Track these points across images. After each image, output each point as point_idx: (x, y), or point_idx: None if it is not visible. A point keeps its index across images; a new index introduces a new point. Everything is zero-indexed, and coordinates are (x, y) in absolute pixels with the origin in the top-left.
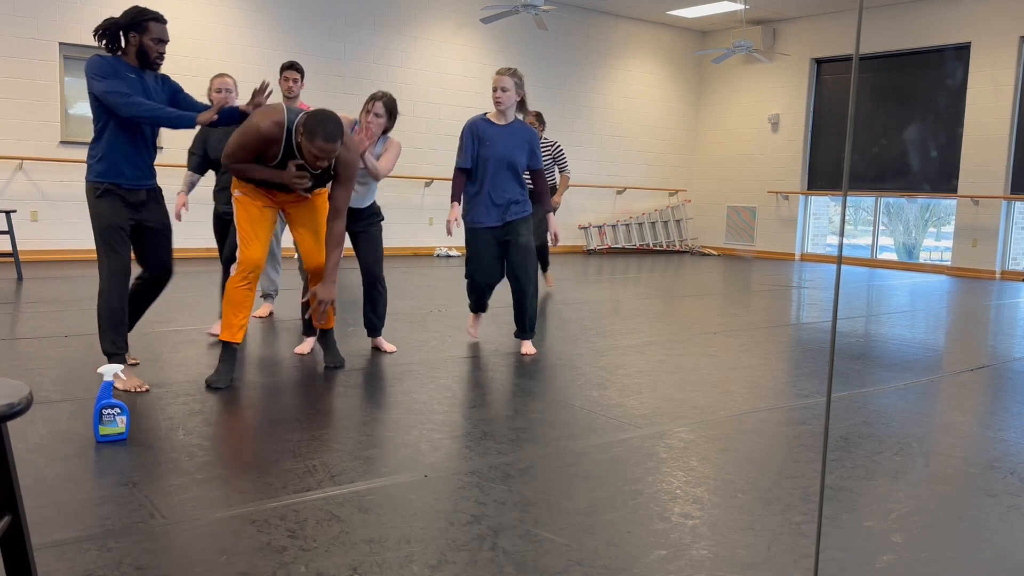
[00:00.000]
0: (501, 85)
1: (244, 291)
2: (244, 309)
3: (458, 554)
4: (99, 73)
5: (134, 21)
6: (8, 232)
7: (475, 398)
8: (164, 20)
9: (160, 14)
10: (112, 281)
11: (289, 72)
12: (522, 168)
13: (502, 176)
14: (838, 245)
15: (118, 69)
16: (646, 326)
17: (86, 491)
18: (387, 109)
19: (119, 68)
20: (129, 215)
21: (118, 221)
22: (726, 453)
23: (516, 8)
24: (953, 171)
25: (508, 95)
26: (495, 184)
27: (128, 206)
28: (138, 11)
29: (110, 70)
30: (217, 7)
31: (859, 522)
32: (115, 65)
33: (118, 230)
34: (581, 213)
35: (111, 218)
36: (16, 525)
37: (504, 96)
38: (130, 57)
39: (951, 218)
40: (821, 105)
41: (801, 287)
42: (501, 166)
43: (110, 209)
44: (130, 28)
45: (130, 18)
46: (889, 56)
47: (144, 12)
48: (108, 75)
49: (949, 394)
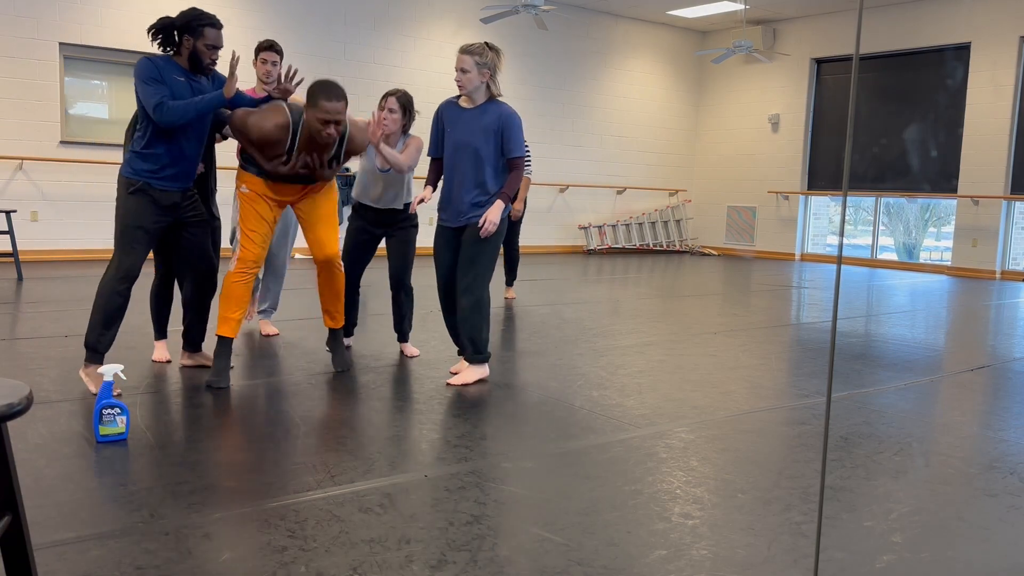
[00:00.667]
0: (460, 66)
1: (242, 286)
2: (241, 305)
3: (458, 554)
4: (143, 78)
5: (190, 25)
6: (8, 232)
7: (475, 398)
8: (220, 25)
9: (217, 19)
10: (118, 279)
11: (267, 53)
12: (490, 158)
13: (463, 168)
14: (838, 245)
15: (165, 72)
16: (646, 326)
17: (86, 491)
18: (401, 105)
19: (167, 71)
20: (157, 217)
21: (143, 223)
22: (726, 453)
23: (516, 8)
24: (953, 171)
25: (468, 77)
26: (455, 177)
27: (159, 208)
28: (195, 15)
29: (156, 73)
30: (217, 7)
31: (859, 522)
32: (163, 67)
33: (140, 231)
34: (581, 213)
35: (137, 218)
36: (16, 525)
37: (464, 78)
38: (182, 59)
39: (951, 218)
40: (821, 105)
41: (801, 287)
42: (462, 156)
43: (138, 209)
44: (184, 31)
45: (186, 21)
46: (889, 56)
47: (201, 16)
48: (152, 79)
49: (949, 394)
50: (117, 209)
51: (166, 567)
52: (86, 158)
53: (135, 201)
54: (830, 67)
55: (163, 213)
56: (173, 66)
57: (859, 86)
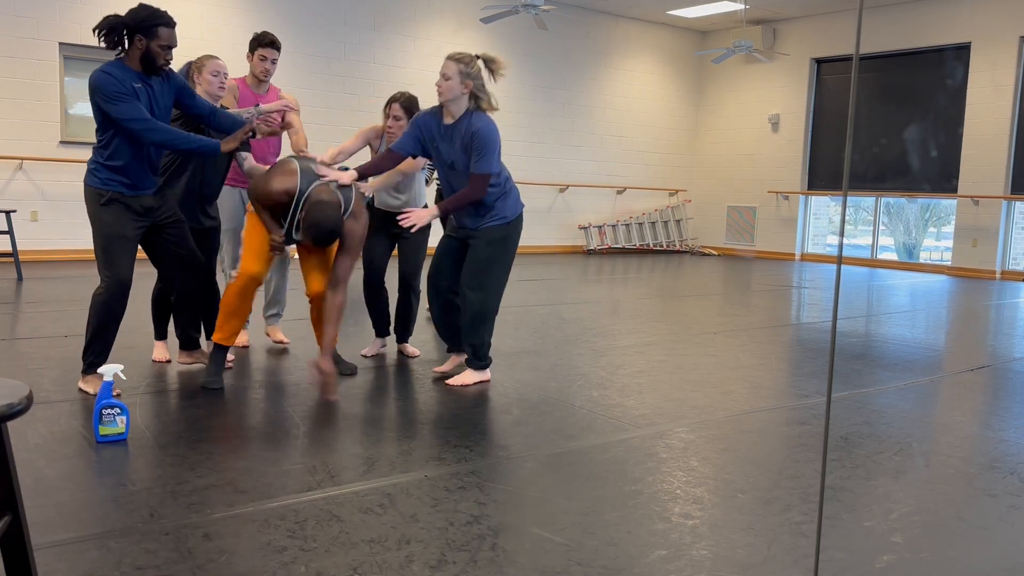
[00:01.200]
0: (444, 71)
1: (238, 298)
2: (239, 318)
3: (458, 554)
4: (111, 95)
5: (143, 25)
6: (8, 232)
7: (475, 398)
8: (174, 23)
9: (170, 17)
10: (110, 293)
11: (267, 50)
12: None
13: (457, 186)
14: (838, 245)
15: (125, 82)
16: (646, 326)
17: (86, 491)
18: (405, 110)
19: (126, 80)
20: (136, 224)
21: (123, 231)
22: (726, 453)
23: (516, 8)
24: (953, 171)
25: (449, 84)
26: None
27: (135, 214)
28: (148, 13)
29: (121, 87)
30: (217, 6)
31: (859, 522)
32: (122, 78)
33: (121, 240)
34: (581, 213)
35: (115, 228)
36: (16, 525)
37: (444, 85)
38: (133, 61)
39: (951, 218)
40: (821, 105)
41: (801, 287)
42: (451, 175)
43: (114, 219)
44: (136, 30)
45: (139, 20)
46: (889, 56)
47: (155, 15)
48: (120, 96)
49: (949, 394)
50: (93, 223)
51: (166, 567)
52: (86, 158)
53: (110, 211)
54: (830, 67)
55: (140, 218)
56: (128, 73)
57: (859, 86)
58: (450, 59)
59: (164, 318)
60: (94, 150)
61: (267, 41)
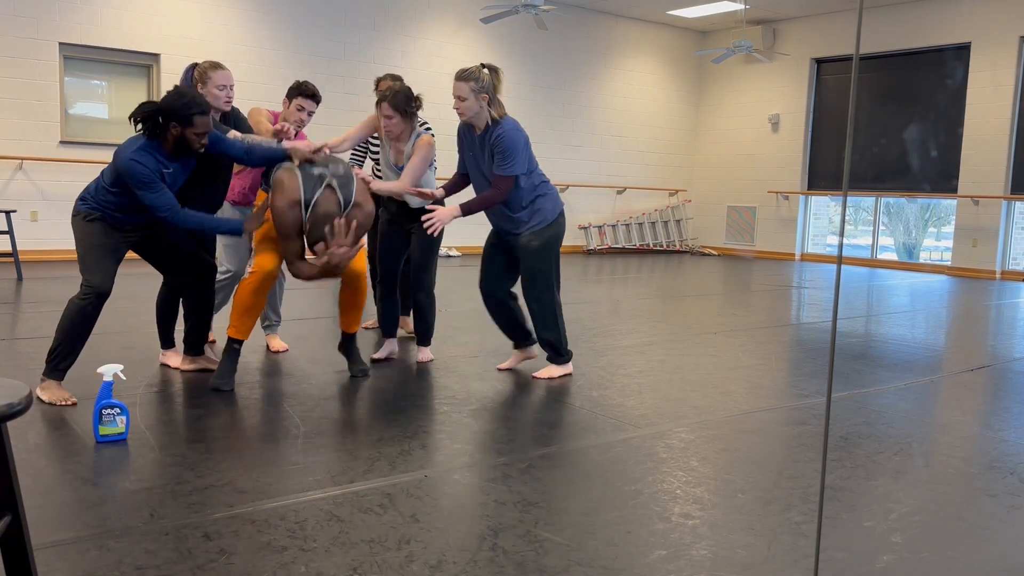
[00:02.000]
0: (456, 93)
1: (251, 294)
2: (253, 314)
3: (458, 554)
4: (140, 184)
5: (179, 114)
6: (8, 232)
7: (475, 398)
8: (209, 110)
9: (206, 103)
10: (84, 300)
11: (306, 101)
12: None
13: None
14: (838, 245)
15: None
16: (646, 326)
17: (86, 491)
18: (395, 108)
19: (157, 168)
20: (122, 239)
21: (103, 241)
22: (726, 453)
23: (516, 8)
24: (953, 171)
25: (466, 104)
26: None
27: (122, 229)
28: (184, 102)
29: (150, 177)
30: (217, 7)
31: (859, 522)
32: (154, 167)
33: (100, 249)
34: (581, 213)
35: (95, 238)
36: (16, 525)
37: (462, 106)
38: (167, 144)
39: (951, 218)
40: (821, 105)
41: (801, 287)
42: (480, 182)
43: (96, 231)
44: (172, 118)
45: (174, 110)
46: (889, 56)
47: (190, 104)
48: (149, 185)
49: (949, 394)
50: (75, 231)
51: (166, 567)
52: (86, 158)
53: (94, 225)
54: (830, 67)
55: (127, 234)
56: (160, 157)
57: (859, 86)
58: (459, 80)
59: (169, 324)
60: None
61: (308, 92)
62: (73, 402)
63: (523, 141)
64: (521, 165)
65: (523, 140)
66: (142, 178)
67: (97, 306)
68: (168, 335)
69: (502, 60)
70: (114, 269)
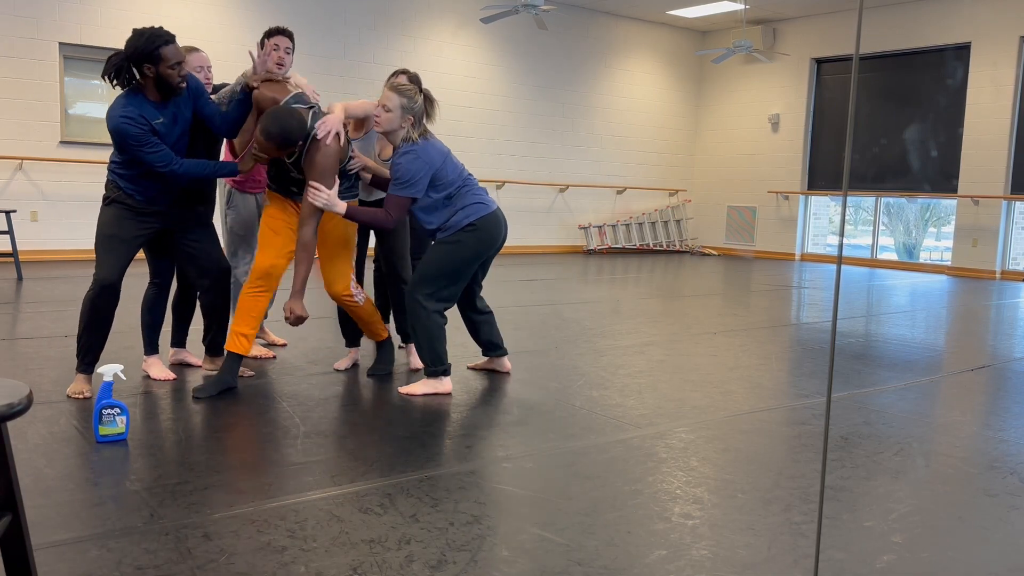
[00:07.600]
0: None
1: (254, 297)
2: (253, 318)
3: (458, 554)
4: (132, 140)
5: (145, 52)
6: (8, 232)
7: (474, 398)
8: (174, 39)
9: (169, 35)
10: (93, 291)
11: (280, 39)
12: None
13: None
14: (838, 245)
15: (145, 123)
16: (646, 326)
17: (86, 491)
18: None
19: (146, 119)
20: (137, 229)
21: (117, 232)
22: (726, 453)
23: (516, 8)
24: (953, 171)
25: (388, 117)
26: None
27: (139, 217)
28: (145, 39)
29: (142, 131)
30: (217, 6)
31: (859, 522)
32: (142, 120)
33: (112, 240)
34: (581, 213)
35: (109, 228)
36: (16, 525)
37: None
38: (150, 91)
39: (951, 218)
40: (821, 105)
41: (801, 287)
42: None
43: (111, 218)
44: (142, 60)
45: (139, 49)
46: (889, 56)
47: (152, 39)
48: (143, 139)
49: (949, 394)
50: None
51: (166, 567)
52: (86, 158)
53: (110, 211)
54: (830, 67)
55: (146, 222)
56: (147, 108)
57: (859, 86)
58: (392, 90)
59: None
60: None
61: (277, 30)
62: (87, 396)
63: (423, 169)
64: (415, 190)
65: (423, 168)
66: (135, 135)
67: (104, 297)
68: (154, 340)
69: (502, 60)
70: (122, 261)
